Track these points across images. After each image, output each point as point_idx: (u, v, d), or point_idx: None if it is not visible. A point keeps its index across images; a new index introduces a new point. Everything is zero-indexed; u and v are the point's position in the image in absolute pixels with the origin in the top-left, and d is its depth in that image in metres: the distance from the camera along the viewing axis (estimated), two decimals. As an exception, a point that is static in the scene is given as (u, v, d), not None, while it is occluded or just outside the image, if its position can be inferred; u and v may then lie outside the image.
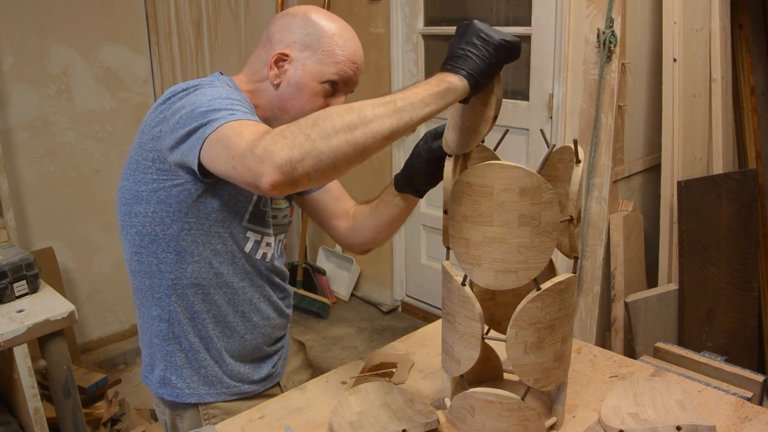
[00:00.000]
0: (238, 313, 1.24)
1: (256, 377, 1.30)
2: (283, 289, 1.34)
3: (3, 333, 1.65)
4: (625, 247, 2.41)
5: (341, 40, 1.17)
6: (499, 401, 1.05)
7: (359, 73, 1.21)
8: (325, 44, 1.16)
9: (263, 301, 1.27)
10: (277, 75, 1.17)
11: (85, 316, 3.05)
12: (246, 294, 1.24)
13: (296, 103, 1.17)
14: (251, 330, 1.27)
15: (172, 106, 1.08)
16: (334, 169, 0.85)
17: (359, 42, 1.22)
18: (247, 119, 0.97)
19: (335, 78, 1.17)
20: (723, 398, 1.21)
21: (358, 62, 1.20)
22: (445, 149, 1.08)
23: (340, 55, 1.17)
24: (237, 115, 0.98)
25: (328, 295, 3.56)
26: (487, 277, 1.00)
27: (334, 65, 1.16)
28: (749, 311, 2.37)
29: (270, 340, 1.32)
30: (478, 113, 1.00)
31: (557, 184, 1.10)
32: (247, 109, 1.05)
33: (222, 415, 1.26)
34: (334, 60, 1.16)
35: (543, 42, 2.57)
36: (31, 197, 2.80)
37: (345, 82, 1.19)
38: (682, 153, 2.38)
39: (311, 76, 1.16)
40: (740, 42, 2.49)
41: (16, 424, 1.93)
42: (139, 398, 2.80)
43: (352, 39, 1.20)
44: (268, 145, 0.85)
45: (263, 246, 1.23)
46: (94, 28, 2.86)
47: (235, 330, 1.25)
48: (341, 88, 1.20)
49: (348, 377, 1.30)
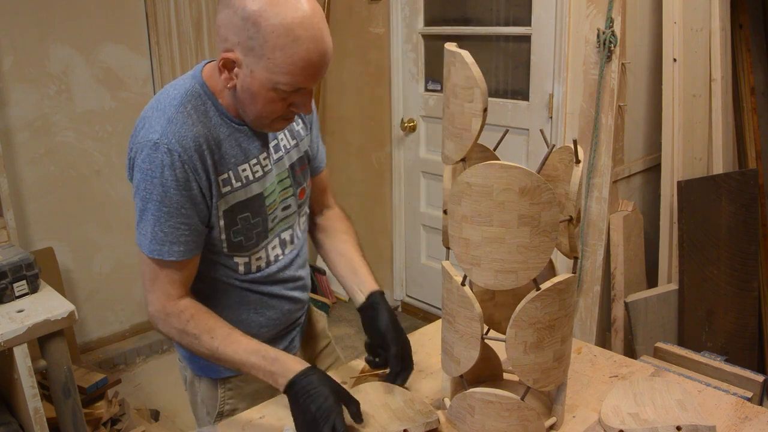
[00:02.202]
0: (250, 311, 1.27)
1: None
2: (296, 278, 1.33)
3: (3, 333, 1.65)
4: (625, 247, 2.41)
5: (290, 44, 0.99)
6: (498, 401, 1.05)
7: (320, 73, 1.04)
8: (269, 50, 0.99)
9: (274, 299, 1.30)
10: (229, 78, 1.06)
11: (85, 316, 3.05)
12: (253, 302, 1.27)
13: (253, 109, 1.08)
14: (266, 323, 1.30)
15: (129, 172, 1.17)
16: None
17: (319, 32, 1.01)
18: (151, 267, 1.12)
19: (286, 88, 1.03)
20: (723, 398, 1.21)
21: (317, 65, 1.02)
22: (444, 162, 1.08)
23: (288, 63, 1.00)
24: (149, 253, 1.11)
25: (328, 295, 3.56)
26: (487, 277, 1.00)
27: (282, 75, 1.01)
28: (749, 311, 2.37)
29: (289, 321, 1.35)
30: (467, 113, 1.00)
31: (557, 184, 1.10)
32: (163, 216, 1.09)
33: (237, 382, 1.31)
34: (284, 70, 1.00)
35: (543, 42, 2.57)
36: (31, 197, 2.80)
37: (302, 87, 1.06)
38: (682, 153, 2.38)
39: (260, 85, 1.03)
40: (740, 42, 2.49)
41: (16, 424, 1.93)
42: (139, 398, 2.81)
43: (304, 37, 0.99)
44: (155, 321, 1.15)
45: (254, 261, 1.23)
46: (94, 28, 2.86)
47: (250, 325, 1.27)
48: (301, 90, 1.07)
49: (348, 377, 1.30)
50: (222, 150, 1.12)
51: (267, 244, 1.24)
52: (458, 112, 1.01)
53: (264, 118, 1.10)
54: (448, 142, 1.06)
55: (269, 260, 1.25)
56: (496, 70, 2.84)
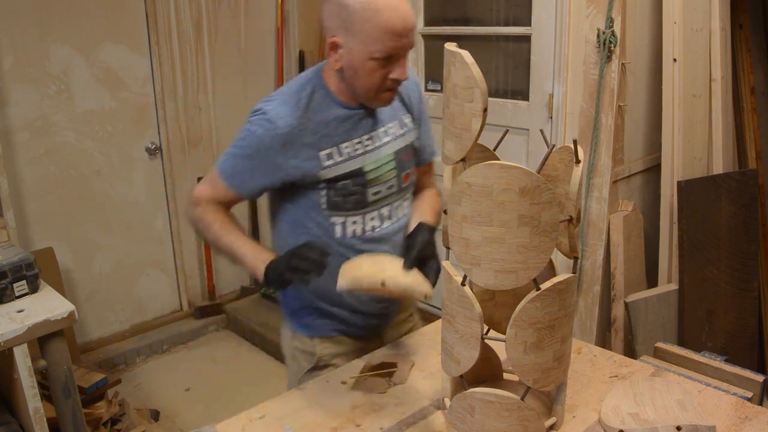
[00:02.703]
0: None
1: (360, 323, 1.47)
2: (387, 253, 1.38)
3: (3, 333, 1.65)
4: (625, 247, 2.41)
5: (374, 15, 1.19)
6: (498, 401, 1.05)
7: (406, 38, 1.22)
8: (359, 25, 1.20)
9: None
10: (336, 60, 1.27)
11: (85, 316, 3.05)
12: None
13: (359, 82, 1.27)
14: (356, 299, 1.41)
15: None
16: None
17: (400, 6, 1.21)
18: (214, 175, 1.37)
19: (381, 55, 1.22)
20: (723, 398, 1.21)
21: (400, 29, 1.20)
22: (444, 162, 1.09)
23: (376, 31, 1.19)
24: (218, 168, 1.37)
25: (328, 295, 3.56)
26: (487, 277, 1.00)
27: (375, 43, 1.20)
28: (749, 311, 2.37)
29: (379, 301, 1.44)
30: (467, 113, 1.00)
31: (557, 184, 1.10)
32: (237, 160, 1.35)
33: (331, 342, 1.47)
34: (374, 38, 1.20)
35: (543, 42, 2.57)
36: (31, 197, 2.80)
37: (393, 53, 1.23)
38: (682, 153, 2.38)
39: (360, 57, 1.23)
40: (740, 42, 2.49)
41: (16, 424, 1.93)
42: (139, 398, 2.81)
43: (384, 7, 1.19)
44: (190, 202, 1.41)
45: (350, 224, 1.36)
46: (94, 28, 2.86)
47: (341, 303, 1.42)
48: (394, 57, 1.24)
49: (348, 377, 1.30)
50: (327, 129, 1.32)
51: (365, 212, 1.37)
52: (458, 112, 1.01)
53: (370, 91, 1.28)
54: (448, 142, 1.06)
55: (365, 228, 1.38)
56: (496, 70, 2.83)
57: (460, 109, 1.00)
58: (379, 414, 1.20)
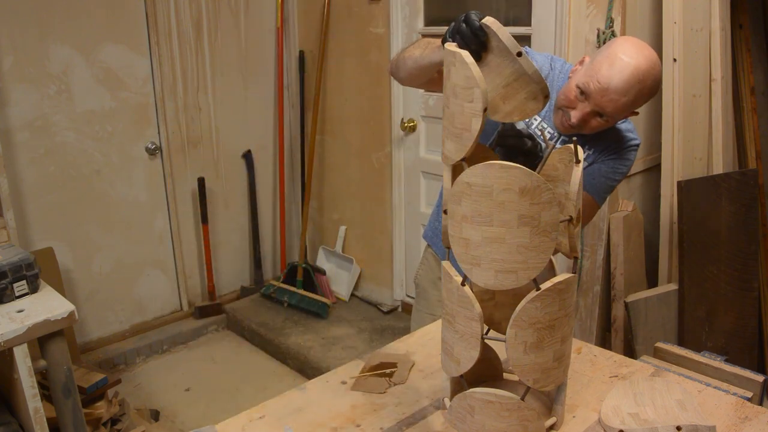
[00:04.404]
0: None
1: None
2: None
3: (3, 333, 1.65)
4: (625, 247, 2.41)
5: (608, 66, 1.38)
6: (498, 401, 1.05)
7: (603, 98, 1.39)
8: (596, 62, 1.41)
9: None
10: (574, 71, 1.50)
11: (85, 316, 3.05)
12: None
13: (563, 89, 1.48)
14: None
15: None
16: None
17: (629, 83, 1.37)
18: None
19: (581, 86, 1.42)
20: (723, 398, 1.21)
21: (606, 88, 1.37)
22: (444, 162, 1.08)
23: (596, 74, 1.39)
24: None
25: (328, 295, 3.56)
26: (487, 277, 1.00)
27: (586, 77, 1.42)
28: (749, 311, 2.37)
29: None
30: (467, 113, 1.00)
31: (557, 184, 1.10)
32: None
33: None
34: (589, 74, 1.41)
35: (543, 42, 2.57)
36: (31, 197, 2.81)
37: (587, 93, 1.41)
38: (682, 153, 2.38)
39: (576, 78, 1.45)
40: (740, 42, 2.49)
41: (16, 424, 1.93)
42: (139, 398, 2.81)
43: (619, 72, 1.37)
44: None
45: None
46: (94, 28, 2.86)
47: None
48: (585, 96, 1.42)
49: (348, 377, 1.30)
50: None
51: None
52: (458, 112, 1.01)
53: (561, 97, 1.52)
54: (448, 142, 1.06)
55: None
56: (496, 70, 2.83)
57: (460, 109, 1.00)
58: (379, 414, 1.20)
